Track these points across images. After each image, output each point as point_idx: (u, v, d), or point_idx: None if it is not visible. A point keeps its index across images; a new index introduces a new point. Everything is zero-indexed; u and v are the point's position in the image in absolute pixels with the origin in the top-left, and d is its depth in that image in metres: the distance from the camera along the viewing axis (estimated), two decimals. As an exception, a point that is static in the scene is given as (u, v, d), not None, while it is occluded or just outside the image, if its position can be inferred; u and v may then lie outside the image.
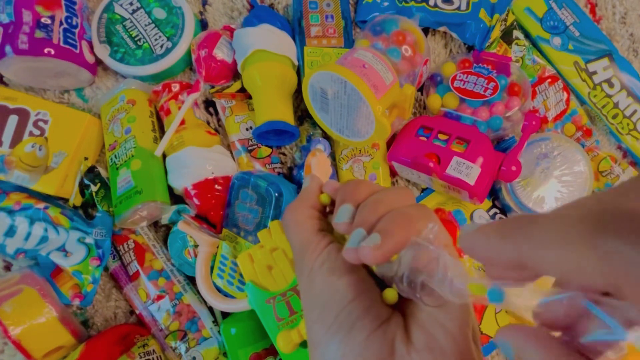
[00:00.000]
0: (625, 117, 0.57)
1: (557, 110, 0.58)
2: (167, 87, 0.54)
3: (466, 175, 0.49)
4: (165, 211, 0.52)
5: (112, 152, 0.52)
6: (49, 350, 0.46)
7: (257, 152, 0.55)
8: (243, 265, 0.42)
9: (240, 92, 0.57)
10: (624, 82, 0.58)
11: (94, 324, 0.53)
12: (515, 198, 0.53)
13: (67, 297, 0.49)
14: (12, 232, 0.49)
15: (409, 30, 0.52)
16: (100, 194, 0.53)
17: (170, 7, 0.56)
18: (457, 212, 0.56)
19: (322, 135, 0.57)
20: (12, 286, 0.46)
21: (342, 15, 0.58)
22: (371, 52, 0.47)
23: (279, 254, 0.41)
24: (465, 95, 0.54)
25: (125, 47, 0.55)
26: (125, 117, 0.52)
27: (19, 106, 0.52)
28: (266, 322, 0.41)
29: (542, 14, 0.59)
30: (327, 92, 0.47)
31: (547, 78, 0.58)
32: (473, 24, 0.56)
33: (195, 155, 0.51)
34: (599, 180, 0.57)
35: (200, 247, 0.49)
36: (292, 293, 0.40)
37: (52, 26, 0.51)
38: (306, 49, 0.55)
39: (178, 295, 0.51)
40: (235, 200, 0.51)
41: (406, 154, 0.52)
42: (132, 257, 0.52)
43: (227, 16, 0.61)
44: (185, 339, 0.50)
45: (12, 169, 0.50)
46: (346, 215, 0.26)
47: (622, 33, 0.62)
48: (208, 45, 0.54)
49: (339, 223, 0.26)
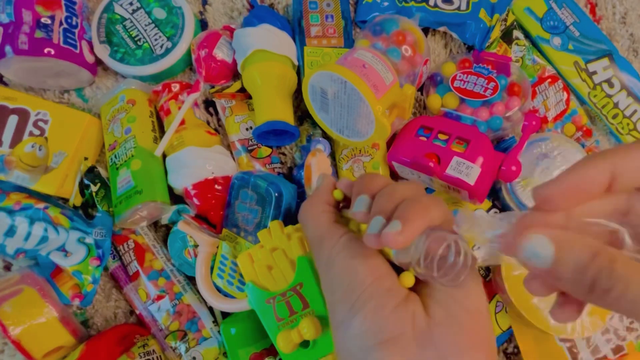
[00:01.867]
0: (625, 117, 0.57)
1: (557, 110, 0.58)
2: (167, 87, 0.54)
3: (466, 175, 0.49)
4: (165, 211, 0.52)
5: (112, 152, 0.52)
6: (49, 350, 0.46)
7: (257, 152, 0.55)
8: (243, 265, 0.42)
9: (240, 92, 0.57)
10: (624, 82, 0.58)
11: (94, 324, 0.53)
12: (515, 198, 0.53)
13: (67, 297, 0.49)
14: (12, 232, 0.49)
15: (409, 30, 0.52)
16: (100, 194, 0.53)
17: (170, 7, 0.56)
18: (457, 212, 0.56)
19: (322, 135, 0.57)
20: (12, 286, 0.46)
21: (342, 15, 0.58)
22: (371, 52, 0.47)
23: (279, 254, 0.41)
24: (465, 95, 0.54)
25: (125, 47, 0.55)
26: (125, 117, 0.52)
27: (19, 106, 0.52)
28: (266, 322, 0.41)
29: (542, 14, 0.59)
30: (327, 92, 0.47)
31: (547, 78, 0.58)
32: (473, 24, 0.56)
33: (195, 155, 0.51)
34: (599, 180, 0.57)
35: (200, 247, 0.49)
36: (292, 293, 0.40)
37: (52, 26, 0.51)
38: (306, 49, 0.55)
39: (178, 295, 0.51)
40: (235, 200, 0.51)
41: (406, 154, 0.52)
42: (132, 257, 0.52)
43: (227, 16, 0.61)
44: (185, 339, 0.50)
45: (12, 169, 0.50)
46: (363, 205, 0.28)
47: (622, 33, 0.62)
48: (208, 45, 0.54)
49: (357, 212, 0.28)
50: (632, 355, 0.53)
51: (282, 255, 0.41)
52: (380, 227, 0.25)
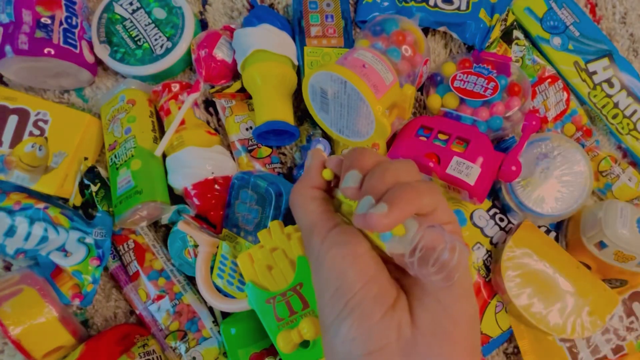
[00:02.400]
0: (625, 117, 0.57)
1: (557, 110, 0.58)
2: (167, 87, 0.54)
3: (466, 175, 0.49)
4: (165, 211, 0.52)
5: (112, 152, 0.52)
6: (49, 350, 0.46)
7: (257, 152, 0.55)
8: (243, 265, 0.42)
9: (240, 92, 0.57)
10: (624, 82, 0.58)
11: (94, 324, 0.53)
12: (515, 198, 0.53)
13: (67, 297, 0.49)
14: (12, 232, 0.49)
15: (409, 30, 0.52)
16: (100, 194, 0.53)
17: (170, 7, 0.56)
18: (457, 211, 0.56)
19: (322, 135, 0.57)
20: (12, 286, 0.46)
21: (342, 15, 0.58)
22: (371, 52, 0.47)
23: (279, 254, 0.41)
24: (465, 95, 0.54)
25: (125, 47, 0.55)
26: (125, 117, 0.52)
27: (19, 106, 0.52)
28: (266, 322, 0.41)
29: (542, 14, 0.59)
30: (327, 92, 0.47)
31: (547, 78, 0.58)
32: (473, 24, 0.56)
33: (195, 155, 0.51)
34: (599, 180, 0.57)
35: (200, 247, 0.49)
36: (292, 293, 0.40)
37: (52, 26, 0.51)
38: (306, 49, 0.55)
39: (178, 295, 0.51)
40: (235, 200, 0.51)
41: (406, 154, 0.52)
42: (132, 257, 0.52)
43: (227, 16, 0.61)
44: (185, 339, 0.50)
45: (12, 169, 0.50)
46: (354, 180, 0.27)
47: (622, 33, 0.62)
48: (208, 45, 0.54)
49: (346, 187, 0.27)
50: (632, 355, 0.53)
51: (282, 255, 0.41)
52: (369, 207, 0.24)
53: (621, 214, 0.50)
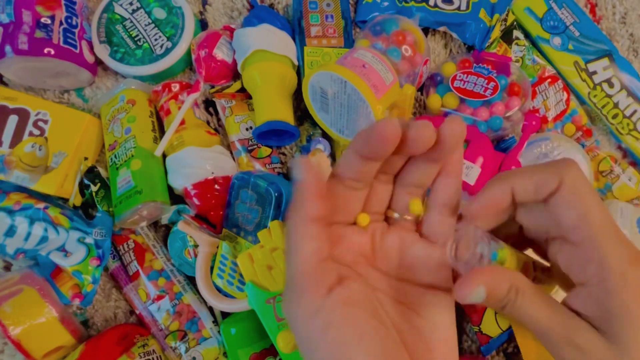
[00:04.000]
0: (625, 117, 0.57)
1: (557, 110, 0.58)
2: (167, 87, 0.54)
3: (466, 176, 0.49)
4: (165, 211, 0.52)
5: (112, 152, 0.52)
6: (49, 350, 0.46)
7: (257, 152, 0.55)
8: (243, 265, 0.42)
9: (240, 92, 0.57)
10: (624, 82, 0.58)
11: (94, 324, 0.53)
12: (515, 198, 0.53)
13: (67, 297, 0.49)
14: (12, 232, 0.49)
15: (409, 30, 0.52)
16: (100, 194, 0.53)
17: (170, 7, 0.56)
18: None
19: (322, 135, 0.57)
20: (12, 286, 0.46)
21: (342, 15, 0.58)
22: (371, 52, 0.47)
23: (279, 254, 0.41)
24: (465, 95, 0.54)
25: (125, 47, 0.55)
26: (125, 117, 0.52)
27: (19, 106, 0.52)
28: (266, 322, 0.41)
29: (542, 14, 0.59)
30: (327, 92, 0.47)
31: (547, 78, 0.58)
32: (473, 24, 0.56)
33: (195, 155, 0.51)
34: (599, 180, 0.57)
35: (200, 247, 0.49)
36: (292, 293, 0.40)
37: (52, 26, 0.51)
38: (306, 49, 0.55)
39: (178, 295, 0.51)
40: (235, 200, 0.51)
41: (406, 154, 0.52)
42: (132, 257, 0.52)
43: (227, 16, 0.61)
44: (185, 339, 0.50)
45: (12, 169, 0.50)
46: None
47: (622, 33, 0.62)
48: (208, 45, 0.54)
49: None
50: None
51: (282, 255, 0.41)
52: None
53: (621, 214, 0.50)
